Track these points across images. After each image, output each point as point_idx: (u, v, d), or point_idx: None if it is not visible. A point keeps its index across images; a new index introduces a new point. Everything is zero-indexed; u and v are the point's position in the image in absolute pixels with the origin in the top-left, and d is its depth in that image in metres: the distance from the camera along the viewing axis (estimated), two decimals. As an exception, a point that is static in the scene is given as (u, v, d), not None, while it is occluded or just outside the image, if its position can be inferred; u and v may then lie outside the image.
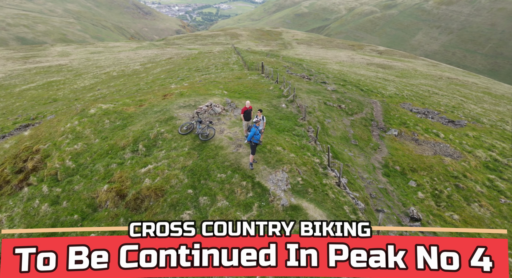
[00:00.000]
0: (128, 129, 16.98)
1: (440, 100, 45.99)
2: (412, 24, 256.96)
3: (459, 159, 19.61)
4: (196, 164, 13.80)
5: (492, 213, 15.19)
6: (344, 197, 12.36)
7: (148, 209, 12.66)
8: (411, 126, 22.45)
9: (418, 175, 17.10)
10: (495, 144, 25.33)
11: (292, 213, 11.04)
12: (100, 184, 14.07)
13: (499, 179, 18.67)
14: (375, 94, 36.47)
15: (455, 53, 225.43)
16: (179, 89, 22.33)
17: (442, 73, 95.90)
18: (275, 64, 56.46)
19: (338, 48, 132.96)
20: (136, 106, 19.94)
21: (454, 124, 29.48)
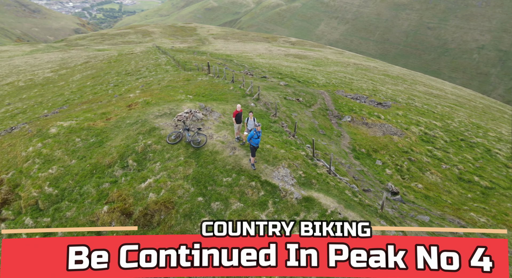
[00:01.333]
0: (108, 146, 16.44)
1: (361, 85, 51.33)
2: (314, 16, 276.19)
3: (402, 136, 23.09)
4: (198, 172, 14.21)
5: (441, 177, 18.56)
6: (340, 183, 14.08)
7: (161, 223, 12.81)
8: (358, 112, 25.41)
9: (380, 154, 19.82)
10: (419, 120, 29.90)
11: (307, 204, 12.34)
12: (97, 206, 13.66)
13: (435, 149, 22.49)
14: (312, 84, 39.45)
15: (353, 40, 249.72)
16: (142, 97, 21.83)
17: (348, 59, 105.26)
18: (206, 61, 56.63)
19: (254, 41, 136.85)
20: (103, 121, 19.14)
21: (382, 106, 33.67)
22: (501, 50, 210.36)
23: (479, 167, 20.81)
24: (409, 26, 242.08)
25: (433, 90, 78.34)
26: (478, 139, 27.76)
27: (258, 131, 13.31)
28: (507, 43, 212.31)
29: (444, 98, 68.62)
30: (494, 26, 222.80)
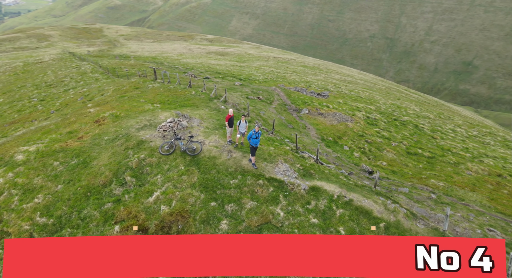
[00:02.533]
0: (96, 165, 15.92)
1: (293, 78, 54.78)
2: (226, 12, 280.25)
3: (353, 121, 26.12)
4: (203, 178, 14.76)
5: (395, 154, 21.82)
6: (331, 170, 15.97)
7: (181, 232, 13.17)
8: (311, 104, 27.75)
9: (343, 140, 22.34)
10: (358, 105, 33.79)
11: (315, 193, 13.86)
12: (106, 228, 13.44)
13: (381, 130, 26.04)
14: (253, 81, 41.07)
15: (265, 35, 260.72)
16: (106, 111, 20.96)
17: (267, 53, 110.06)
18: (137, 66, 54.42)
19: (170, 40, 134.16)
20: (75, 140, 18.16)
21: (322, 96, 36.91)
22: (388, 38, 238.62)
23: (417, 141, 24.88)
24: (313, 19, 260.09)
25: (346, 77, 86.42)
26: (405, 117, 32.61)
27: (257, 132, 14.40)
28: (391, 32, 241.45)
29: (356, 83, 76.37)
30: (380, 17, 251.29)
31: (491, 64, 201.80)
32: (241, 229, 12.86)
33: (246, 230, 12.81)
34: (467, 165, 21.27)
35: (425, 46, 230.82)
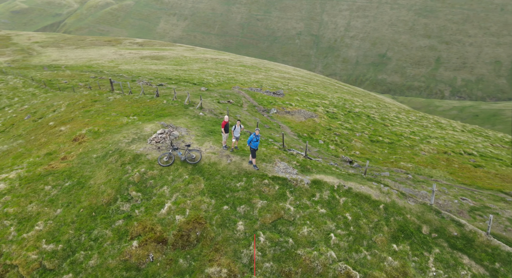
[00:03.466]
0: (94, 185, 15.60)
1: (242, 78, 56.07)
2: (151, 14, 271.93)
3: (317, 117, 28.16)
4: (209, 184, 15.35)
5: (362, 143, 24.17)
6: (321, 163, 17.58)
7: (201, 239, 13.68)
8: (275, 103, 29.19)
9: (316, 135, 24.13)
10: (314, 101, 36.16)
11: (317, 185, 15.25)
12: (123, 244, 13.51)
13: (343, 123, 28.42)
14: (208, 85, 41.41)
15: (196, 36, 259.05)
16: (83, 128, 20.14)
17: (204, 55, 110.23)
18: (76, 76, 51.15)
19: (96, 46, 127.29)
20: (58, 161, 17.40)
21: (277, 94, 38.74)
22: (313, 34, 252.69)
23: (374, 129, 27.80)
24: (242, 19, 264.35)
25: (284, 74, 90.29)
26: (357, 109, 35.79)
27: (257, 135, 15.45)
28: (316, 29, 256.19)
29: (295, 80, 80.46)
30: (304, 15, 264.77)
31: (400, 55, 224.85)
32: (256, 227, 13.80)
33: (262, 227, 13.79)
34: (420, 146, 24.54)
35: (346, 41, 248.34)
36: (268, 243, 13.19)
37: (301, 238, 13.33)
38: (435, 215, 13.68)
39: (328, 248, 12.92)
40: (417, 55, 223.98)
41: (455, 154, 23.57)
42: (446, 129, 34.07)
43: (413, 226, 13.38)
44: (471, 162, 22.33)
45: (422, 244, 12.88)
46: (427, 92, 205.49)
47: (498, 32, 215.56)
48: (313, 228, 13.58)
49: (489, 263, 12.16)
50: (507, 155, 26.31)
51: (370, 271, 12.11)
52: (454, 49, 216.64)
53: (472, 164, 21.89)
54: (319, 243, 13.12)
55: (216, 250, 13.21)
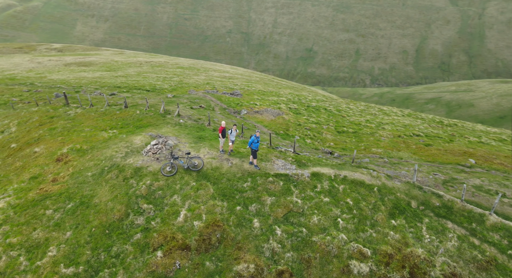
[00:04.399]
0: (100, 203, 15.41)
1: (192, 81, 55.73)
2: (65, 16, 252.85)
3: (285, 114, 29.78)
4: (218, 188, 16.07)
5: (332, 135, 26.29)
6: (311, 157, 19.20)
7: (222, 240, 14.46)
8: (242, 104, 30.10)
9: (291, 131, 25.66)
10: (274, 99, 37.82)
11: (316, 177, 16.70)
12: (147, 257, 13.80)
13: (309, 117, 30.43)
14: (160, 90, 40.68)
15: (120, 38, 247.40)
16: (63, 147, 19.20)
17: (136, 59, 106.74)
18: (5, 91, 46.37)
19: (4, 54, 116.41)
20: (49, 184, 16.66)
21: (235, 95, 39.70)
22: (243, 32, 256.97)
23: (336, 121, 30.35)
24: (169, 19, 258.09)
25: (224, 73, 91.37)
26: (313, 103, 38.33)
27: (257, 137, 16.57)
28: (245, 26, 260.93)
29: (237, 78, 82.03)
30: (232, 13, 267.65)
31: (325, 49, 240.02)
32: (270, 222, 14.97)
33: (275, 222, 14.99)
34: (379, 133, 27.55)
35: (275, 38, 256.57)
36: (285, 235, 14.42)
37: (313, 226, 14.77)
38: (419, 191, 16.10)
39: (338, 231, 14.56)
40: (339, 48, 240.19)
41: (407, 136, 27.02)
42: (391, 115, 38.28)
43: (404, 202, 15.62)
44: (422, 142, 25.84)
45: (414, 216, 15.16)
46: (351, 82, 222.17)
47: (402, 25, 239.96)
48: (321, 216, 15.11)
49: (468, 224, 14.82)
50: (444, 133, 30.69)
51: (377, 246, 14.00)
52: (369, 41, 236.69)
53: (423, 143, 25.39)
54: (329, 228, 14.68)
55: (239, 249, 14.09)
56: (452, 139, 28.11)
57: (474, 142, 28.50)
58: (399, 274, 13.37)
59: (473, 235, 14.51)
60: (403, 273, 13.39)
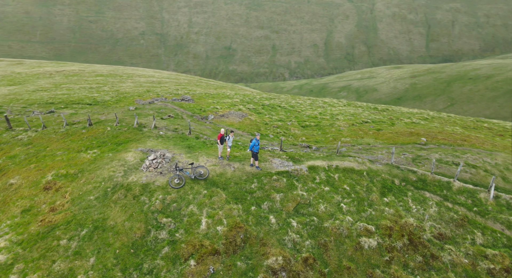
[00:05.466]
0: (116, 225, 15.17)
1: (128, 90, 53.14)
2: None
3: (248, 115, 30.86)
4: (229, 192, 16.90)
5: (298, 130, 28.25)
6: (298, 152, 20.90)
7: (246, 239, 15.41)
8: (205, 109, 30.29)
9: (263, 131, 26.93)
10: (228, 101, 38.52)
11: (313, 170, 18.37)
12: (180, 267, 14.24)
13: (271, 116, 32.01)
14: (103, 103, 38.54)
15: (11, 46, 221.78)
16: (47, 175, 17.84)
17: (44, 69, 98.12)
18: None
19: None
20: (49, 214, 15.72)
21: (186, 100, 39.60)
22: (157, 33, 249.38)
23: (296, 117, 32.55)
24: (71, 22, 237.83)
25: (151, 78, 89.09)
26: (266, 102, 40.10)
27: (258, 140, 17.79)
28: (159, 27, 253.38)
29: (166, 82, 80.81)
30: (143, 14, 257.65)
31: (243, 46, 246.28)
32: (284, 216, 16.44)
33: (288, 215, 16.47)
34: (336, 123, 30.48)
35: (192, 38, 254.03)
36: (300, 226, 15.98)
37: (322, 214, 16.58)
38: (398, 170, 18.93)
39: (344, 215, 16.58)
40: (257, 45, 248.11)
41: (359, 124, 30.47)
42: (335, 106, 42.10)
43: (389, 181, 18.28)
44: (373, 128, 29.44)
45: (400, 192, 17.89)
46: (272, 77, 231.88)
47: (310, 20, 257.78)
48: (327, 204, 16.99)
49: (440, 192, 18.02)
50: (384, 118, 35.21)
51: (378, 222, 16.35)
52: (283, 37, 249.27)
53: (374, 129, 28.99)
54: (335, 213, 16.63)
55: (264, 245, 15.28)
56: (393, 122, 32.46)
57: (409, 122, 33.29)
58: (401, 242, 15.85)
59: (446, 200, 17.73)
60: (403, 241, 15.90)
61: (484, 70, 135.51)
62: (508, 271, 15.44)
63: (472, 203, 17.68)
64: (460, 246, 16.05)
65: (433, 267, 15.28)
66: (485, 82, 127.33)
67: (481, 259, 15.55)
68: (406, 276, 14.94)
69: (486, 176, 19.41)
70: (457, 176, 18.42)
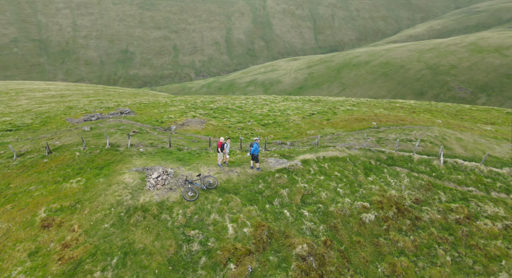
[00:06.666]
0: (146, 246, 14.90)
1: (79, 104, 47.13)
2: None
3: (207, 121, 30.83)
4: (242, 196, 17.78)
5: (262, 129, 29.54)
6: (284, 149, 22.49)
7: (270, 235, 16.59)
8: (164, 121, 29.24)
9: (231, 134, 27.54)
10: (174, 109, 37.41)
11: (306, 163, 20.15)
12: (222, 272, 14.82)
13: (228, 119, 32.45)
14: (29, 127, 34.00)
15: None
16: (38, 212, 15.98)
17: None
18: None
19: None
20: (63, 251, 14.58)
21: (127, 114, 37.62)
22: (35, 39, 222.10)
23: (250, 117, 33.70)
24: None
25: (49, 92, 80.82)
26: (211, 105, 40.04)
27: (257, 144, 19.00)
28: (36, 33, 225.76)
29: (72, 95, 74.39)
30: (13, 18, 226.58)
31: (142, 48, 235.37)
32: (295, 208, 18.11)
33: (298, 207, 18.21)
34: (291, 118, 32.79)
35: (80, 42, 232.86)
36: (311, 214, 17.87)
37: (325, 200, 18.69)
38: (370, 152, 22.05)
39: (342, 198, 18.95)
40: (157, 46, 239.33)
41: (308, 116, 33.38)
42: (277, 102, 44.53)
43: (368, 163, 21.26)
44: (321, 119, 32.67)
45: (377, 170, 21.00)
46: (178, 78, 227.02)
47: (208, 18, 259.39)
48: (326, 191, 19.14)
49: (406, 165, 21.67)
50: (323, 108, 38.98)
51: (370, 198, 19.14)
52: (183, 36, 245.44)
53: (324, 119, 32.22)
54: (336, 198, 18.91)
55: (287, 237, 16.78)
56: (334, 111, 36.42)
57: (345, 110, 37.71)
58: (392, 211, 18.89)
59: (412, 171, 21.45)
60: (393, 210, 18.97)
61: (363, 57, 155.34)
62: (468, 217, 19.63)
63: (430, 170, 21.74)
64: (432, 206, 19.75)
65: (419, 227, 18.61)
66: (365, 67, 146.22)
67: (449, 213, 19.45)
68: (402, 238, 17.95)
69: (433, 146, 23.89)
70: (416, 149, 22.35)
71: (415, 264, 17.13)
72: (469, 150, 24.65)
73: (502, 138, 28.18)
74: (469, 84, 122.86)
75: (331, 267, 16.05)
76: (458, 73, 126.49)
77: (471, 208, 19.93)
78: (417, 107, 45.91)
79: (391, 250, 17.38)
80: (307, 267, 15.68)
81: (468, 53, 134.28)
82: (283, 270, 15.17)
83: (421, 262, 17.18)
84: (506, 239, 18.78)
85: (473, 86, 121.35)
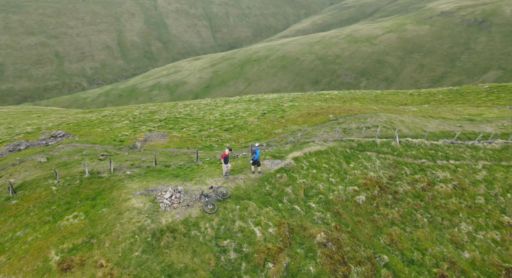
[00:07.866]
0: (186, 265, 14.93)
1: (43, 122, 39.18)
2: None
3: (168, 134, 29.79)
4: (256, 200, 18.59)
5: (228, 134, 29.86)
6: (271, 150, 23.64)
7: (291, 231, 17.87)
8: (123, 140, 27.39)
9: (201, 143, 27.33)
10: (120, 125, 34.91)
11: (297, 160, 21.70)
12: (263, 273, 15.76)
13: (188, 127, 31.70)
14: None
15: None
16: (51, 257, 14.33)
17: None
18: None
19: None
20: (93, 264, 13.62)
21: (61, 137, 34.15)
22: None
23: (207, 123, 33.63)
24: None
25: None
26: (163, 116, 38.34)
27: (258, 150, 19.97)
28: None
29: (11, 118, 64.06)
30: None
31: (14, 58, 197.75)
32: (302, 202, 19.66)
33: (303, 200, 19.83)
34: (248, 120, 33.83)
35: None
36: (317, 205, 19.68)
37: (323, 191, 20.67)
38: (343, 142, 24.70)
39: (335, 186, 21.18)
40: (33, 54, 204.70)
41: (262, 116, 34.93)
42: (222, 106, 44.82)
43: (345, 152, 23.84)
44: (276, 117, 34.53)
45: (354, 157, 23.73)
46: (67, 88, 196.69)
47: (93, 21, 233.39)
48: (321, 182, 21.12)
49: (373, 149, 24.86)
50: (269, 107, 40.91)
51: (357, 182, 21.73)
52: (65, 42, 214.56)
53: (280, 117, 34.12)
54: (331, 187, 21.04)
55: (304, 229, 18.33)
56: (282, 109, 38.72)
57: (289, 106, 40.41)
58: (376, 190, 21.76)
59: (379, 153, 24.75)
60: (377, 189, 21.87)
61: (262, 52, 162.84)
62: (429, 184, 23.54)
63: (392, 150, 25.34)
64: (402, 180, 23.21)
65: (398, 199, 21.81)
66: (265, 62, 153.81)
67: (415, 183, 23.12)
68: (389, 210, 20.89)
69: (386, 130, 27.73)
70: (378, 135, 25.74)
71: (404, 230, 20.11)
72: (411, 129, 29.17)
73: (428, 116, 33.85)
74: (352, 71, 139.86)
75: (347, 247, 17.98)
76: (343, 61, 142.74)
77: (428, 176, 23.92)
78: (343, 96, 51.36)
79: (384, 223, 20.07)
80: (330, 251, 17.35)
81: (347, 44, 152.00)
82: (312, 259, 16.57)
83: (408, 227, 20.24)
84: (457, 196, 23.10)
85: (355, 72, 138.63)
